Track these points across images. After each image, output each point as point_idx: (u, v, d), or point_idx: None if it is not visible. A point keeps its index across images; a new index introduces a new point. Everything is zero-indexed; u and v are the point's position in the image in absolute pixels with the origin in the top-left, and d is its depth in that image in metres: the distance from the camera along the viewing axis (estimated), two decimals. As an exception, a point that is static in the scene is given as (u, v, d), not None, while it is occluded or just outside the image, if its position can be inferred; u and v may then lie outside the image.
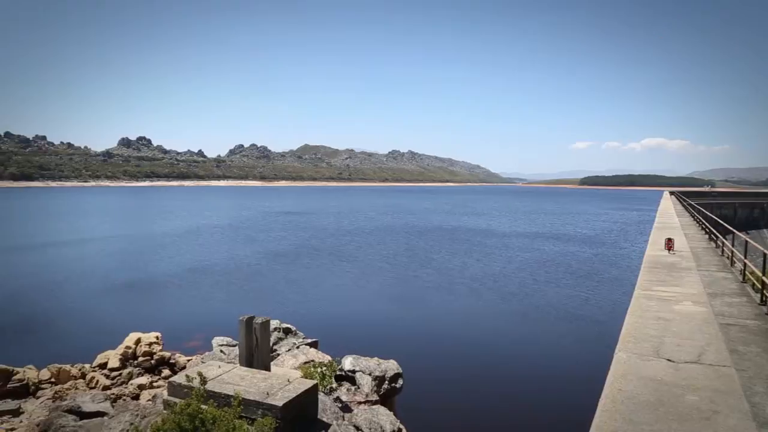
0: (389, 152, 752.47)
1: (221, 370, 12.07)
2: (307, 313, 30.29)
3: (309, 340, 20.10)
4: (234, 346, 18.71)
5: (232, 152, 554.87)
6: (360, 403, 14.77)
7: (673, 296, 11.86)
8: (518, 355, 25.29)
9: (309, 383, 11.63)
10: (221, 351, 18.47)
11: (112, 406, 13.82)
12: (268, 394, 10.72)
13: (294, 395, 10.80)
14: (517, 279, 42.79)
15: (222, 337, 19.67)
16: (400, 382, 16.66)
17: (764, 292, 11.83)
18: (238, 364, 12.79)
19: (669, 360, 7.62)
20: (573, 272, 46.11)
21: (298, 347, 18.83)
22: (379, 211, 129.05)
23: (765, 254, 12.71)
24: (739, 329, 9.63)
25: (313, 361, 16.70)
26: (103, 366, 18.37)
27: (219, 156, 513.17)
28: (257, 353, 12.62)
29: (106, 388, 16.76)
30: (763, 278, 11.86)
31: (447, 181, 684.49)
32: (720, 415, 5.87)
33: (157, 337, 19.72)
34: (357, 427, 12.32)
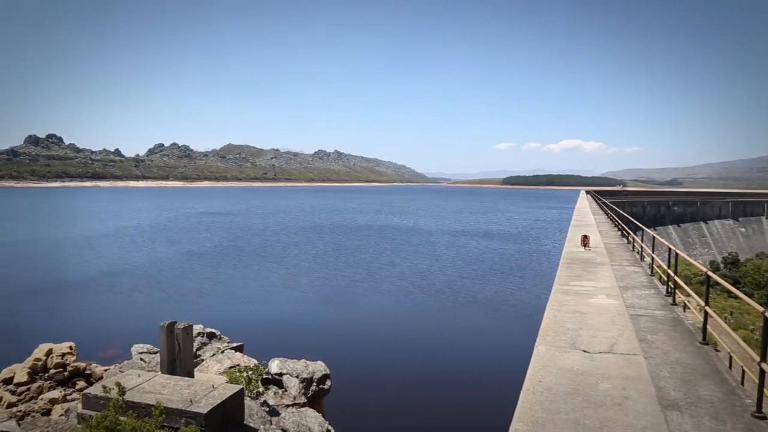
0: (315, 152, 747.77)
1: (141, 379, 11.60)
2: (233, 317, 29.64)
3: (234, 345, 19.65)
4: (155, 353, 18.02)
5: (151, 151, 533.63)
6: (288, 406, 14.59)
7: (588, 290, 12.45)
8: (445, 351, 25.78)
9: (234, 388, 11.37)
10: (141, 359, 17.75)
11: (19, 425, 12.96)
12: (191, 401, 10.40)
13: (219, 401, 10.53)
14: (443, 276, 43.60)
15: (142, 345, 18.89)
16: (328, 383, 16.59)
17: (669, 284, 12.62)
18: (160, 372, 12.34)
19: (585, 351, 8.00)
20: (497, 269, 47.49)
21: (222, 352, 18.38)
22: (306, 212, 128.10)
23: (669, 249, 13.56)
24: (648, 319, 10.22)
25: (238, 365, 16.35)
26: (7, 381, 17.13)
27: (138, 155, 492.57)
28: (180, 360, 12.22)
29: (11, 405, 15.65)
30: (668, 271, 12.65)
31: (373, 181, 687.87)
32: (630, 400, 6.24)
33: (70, 347, 18.66)
34: (285, 431, 12.17)
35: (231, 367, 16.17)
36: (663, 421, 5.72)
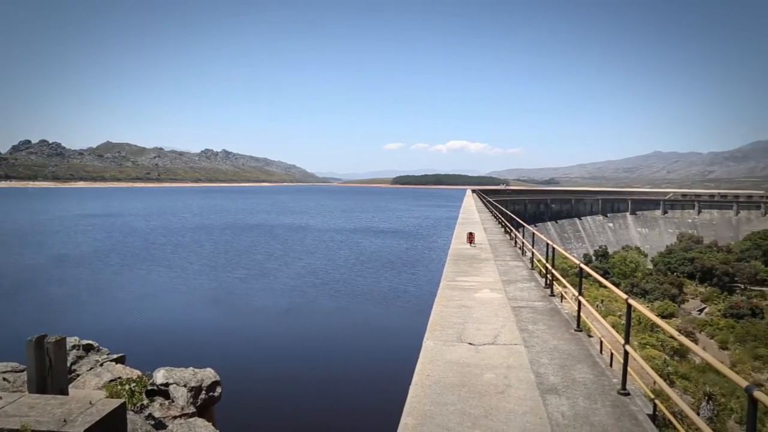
0: (202, 151, 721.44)
1: (3, 402, 10.57)
2: (113, 326, 27.87)
3: (115, 356, 18.44)
4: (21, 371, 16.53)
5: (16, 149, 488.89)
6: (175, 417, 13.93)
7: (473, 285, 12.97)
8: (338, 350, 25.83)
9: (115, 403, 10.66)
10: (4, 379, 16.16)
11: None
12: (65, 421, 9.62)
13: (97, 419, 9.82)
14: (336, 275, 43.65)
15: (5, 363, 17.23)
16: (219, 390, 16.01)
17: (548, 277, 13.44)
18: (27, 392, 11.32)
19: (470, 344, 8.32)
20: (389, 266, 48.27)
21: (102, 365, 17.19)
22: (194, 213, 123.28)
23: (547, 244, 14.45)
24: (529, 311, 10.82)
25: (120, 378, 15.37)
26: None
27: (0, 153, 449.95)
28: (51, 377, 11.27)
29: None
30: (547, 265, 13.47)
31: (263, 181, 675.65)
32: (512, 388, 6.59)
33: None
34: (172, 443, 11.61)
35: (111, 381, 15.17)
36: (541, 405, 6.09)
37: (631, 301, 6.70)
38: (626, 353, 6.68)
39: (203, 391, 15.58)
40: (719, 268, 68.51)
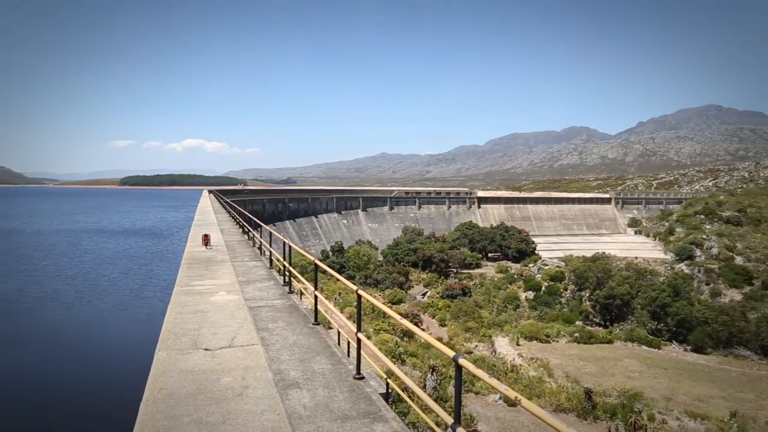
0: None
1: None
2: None
3: None
4: None
5: None
6: None
7: (209, 289, 12.53)
8: (63, 371, 22.85)
9: None
10: None
11: None
12: None
13: None
14: (62, 285, 38.48)
15: None
16: None
17: (285, 274, 13.65)
18: None
19: (206, 349, 7.99)
20: (122, 274, 44.33)
21: None
22: None
23: (284, 243, 14.69)
24: (268, 310, 10.84)
25: None
26: None
27: None
28: None
29: None
30: (284, 263, 13.67)
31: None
32: (250, 388, 6.52)
33: None
34: None
35: None
36: (279, 402, 6.16)
37: (360, 292, 7.20)
38: (359, 341, 7.19)
39: None
40: (437, 256, 77.99)
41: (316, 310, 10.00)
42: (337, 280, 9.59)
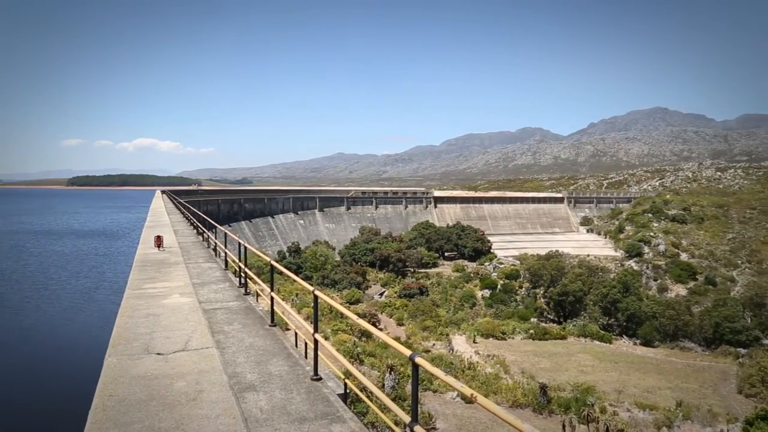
0: None
1: None
2: None
3: None
4: None
5: None
6: None
7: (162, 291, 12.22)
8: (8, 377, 21.91)
9: None
10: None
11: None
12: None
13: None
14: (5, 287, 36.91)
15: None
16: None
17: (241, 275, 13.45)
18: None
19: (159, 354, 7.79)
20: (71, 277, 42.81)
21: None
22: None
23: (239, 244, 14.48)
24: (224, 312, 10.64)
25: None
26: None
27: None
28: None
29: None
30: (240, 264, 13.48)
31: None
32: (204, 392, 6.38)
33: None
34: None
35: None
36: (235, 405, 6.05)
37: (317, 292, 7.16)
38: (316, 342, 7.14)
39: None
40: (394, 255, 78.25)
41: (272, 312, 9.89)
42: (294, 280, 9.51)
